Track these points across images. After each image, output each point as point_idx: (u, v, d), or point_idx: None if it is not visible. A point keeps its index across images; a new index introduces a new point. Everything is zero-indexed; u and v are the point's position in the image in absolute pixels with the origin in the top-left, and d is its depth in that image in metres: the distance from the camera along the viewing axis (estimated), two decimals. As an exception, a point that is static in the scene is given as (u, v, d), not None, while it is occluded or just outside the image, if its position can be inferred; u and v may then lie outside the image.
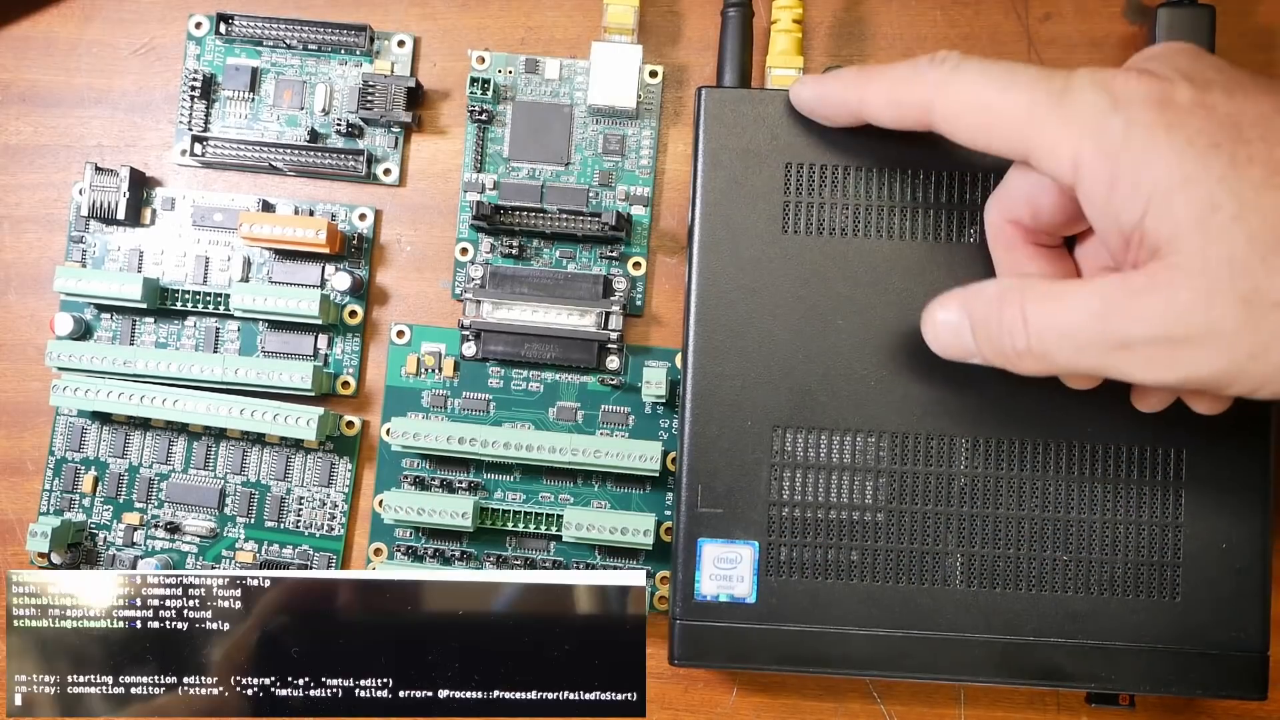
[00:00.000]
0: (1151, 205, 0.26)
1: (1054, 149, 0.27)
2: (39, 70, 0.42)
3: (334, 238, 0.40)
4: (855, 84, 0.32)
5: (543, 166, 0.41)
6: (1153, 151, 0.26)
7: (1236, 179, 0.25)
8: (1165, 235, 0.26)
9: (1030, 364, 0.28)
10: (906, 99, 0.31)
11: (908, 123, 0.31)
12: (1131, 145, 0.26)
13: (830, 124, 0.35)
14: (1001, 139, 0.29)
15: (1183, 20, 0.37)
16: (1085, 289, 0.27)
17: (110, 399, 0.39)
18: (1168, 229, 0.25)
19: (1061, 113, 0.27)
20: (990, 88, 0.29)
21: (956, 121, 0.30)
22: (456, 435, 0.38)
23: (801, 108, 0.35)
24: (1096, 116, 0.27)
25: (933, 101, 0.30)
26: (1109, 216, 0.27)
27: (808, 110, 0.35)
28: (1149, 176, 0.26)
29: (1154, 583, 0.34)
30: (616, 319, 0.39)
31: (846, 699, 0.40)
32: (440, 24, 0.42)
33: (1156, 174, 0.26)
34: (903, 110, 0.31)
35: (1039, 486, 0.35)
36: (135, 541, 0.41)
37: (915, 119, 0.31)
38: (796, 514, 0.35)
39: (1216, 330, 0.25)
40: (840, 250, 0.35)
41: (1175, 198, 0.25)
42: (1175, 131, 0.26)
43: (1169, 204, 0.25)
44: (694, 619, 0.35)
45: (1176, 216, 0.25)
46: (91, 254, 0.41)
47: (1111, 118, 0.26)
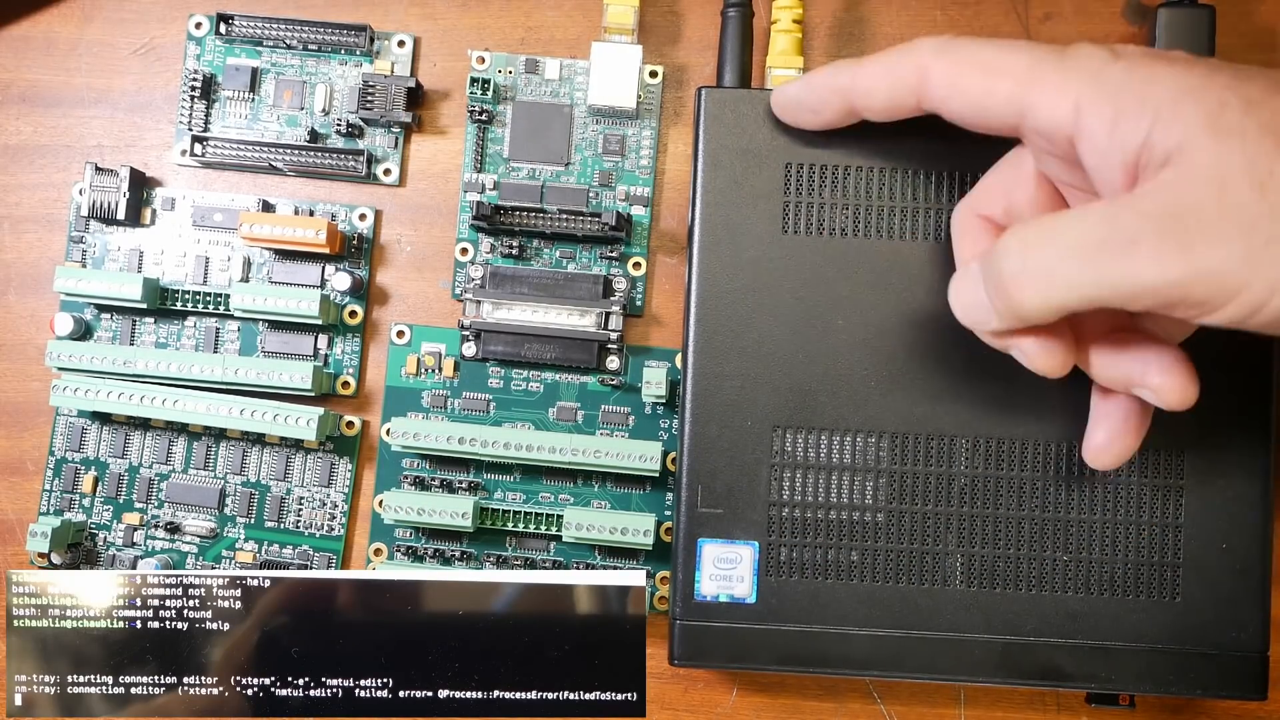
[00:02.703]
0: (1159, 117, 0.25)
1: (1054, 98, 0.27)
2: (39, 70, 0.42)
3: (334, 238, 0.40)
4: (844, 70, 0.32)
5: (543, 166, 0.41)
6: (1156, 78, 0.26)
7: (1241, 86, 0.25)
8: (1175, 140, 0.25)
9: (1031, 290, 0.27)
10: (902, 68, 0.30)
11: (902, 95, 0.30)
12: (1134, 79, 0.26)
13: (816, 122, 0.34)
14: (1001, 101, 0.28)
15: (1183, 20, 0.37)
16: (1089, 205, 0.27)
17: (110, 399, 0.39)
18: (1176, 134, 0.25)
19: (1062, 65, 0.27)
20: (990, 50, 0.29)
21: (956, 84, 0.29)
22: (456, 435, 0.38)
23: (785, 109, 0.34)
24: (1098, 65, 0.27)
25: (929, 69, 0.29)
26: (1112, 151, 0.26)
27: (792, 109, 0.34)
28: (1154, 98, 0.26)
29: (1154, 583, 0.34)
30: (616, 319, 0.39)
31: (846, 699, 0.40)
32: (440, 24, 0.42)
33: (1161, 94, 0.26)
34: (897, 82, 0.30)
35: (1039, 486, 0.35)
36: (135, 541, 0.41)
37: (910, 89, 0.30)
38: (796, 514, 0.35)
39: (1232, 215, 0.24)
40: (840, 250, 0.35)
41: (1182, 104, 0.25)
42: (1176, 63, 0.26)
43: (1177, 109, 0.25)
44: (694, 619, 0.35)
45: (1185, 120, 0.25)
46: (91, 254, 0.41)
47: (1112, 64, 0.27)
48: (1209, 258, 0.24)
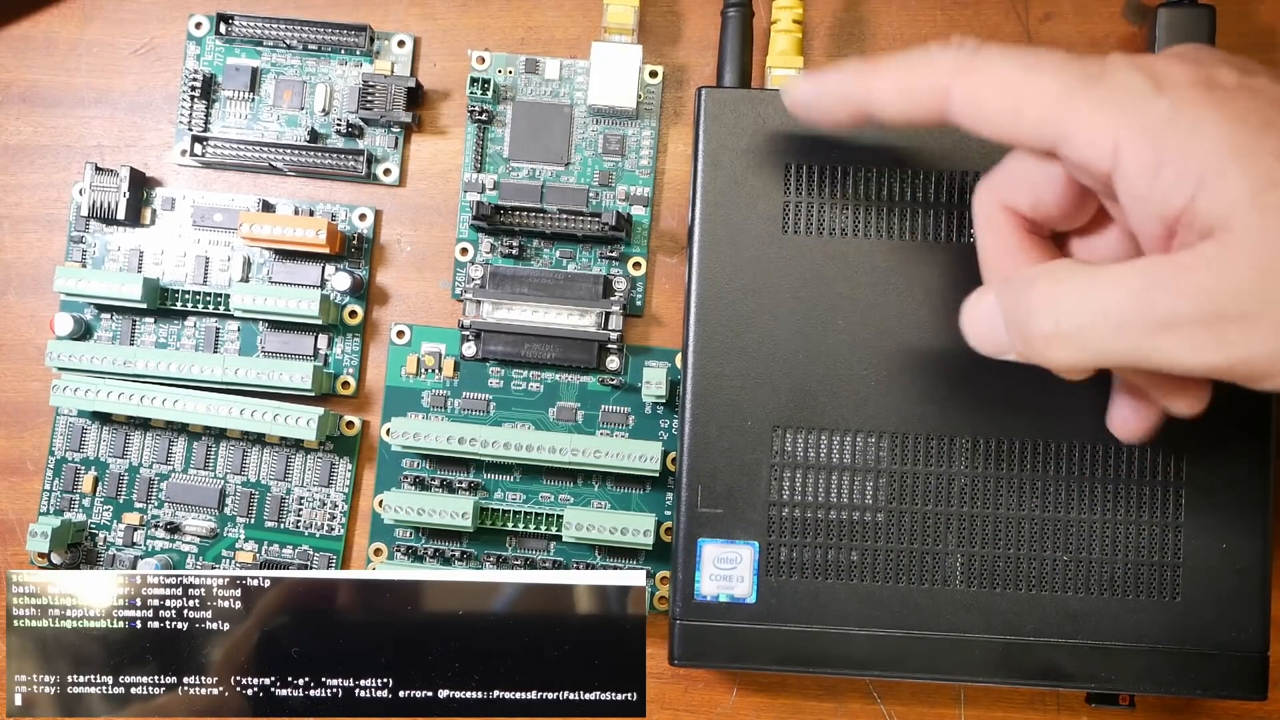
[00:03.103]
0: (1204, 183, 0.24)
1: (1090, 133, 0.25)
2: (39, 70, 0.42)
3: (334, 238, 0.40)
4: (859, 75, 0.30)
5: (543, 166, 0.41)
6: (1202, 129, 0.24)
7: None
8: (1219, 213, 0.24)
9: (1060, 351, 0.26)
10: (919, 85, 0.28)
11: (919, 113, 0.28)
12: (1179, 125, 0.24)
13: (826, 124, 0.31)
14: (1029, 125, 0.27)
15: (1183, 20, 0.36)
16: (1125, 267, 0.25)
17: (110, 399, 0.39)
18: (1222, 206, 0.24)
19: (1098, 94, 0.25)
20: (1016, 70, 0.27)
21: (979, 108, 0.27)
22: (456, 435, 0.38)
23: (795, 107, 0.32)
24: (1138, 98, 0.25)
25: (950, 87, 0.28)
26: (1152, 203, 0.25)
27: (803, 109, 0.31)
28: (1199, 154, 0.24)
29: (1154, 583, 0.34)
30: (616, 319, 0.39)
31: (846, 699, 0.40)
32: (440, 24, 0.42)
33: (1207, 151, 0.24)
34: (915, 99, 0.28)
35: (1039, 486, 0.35)
36: (135, 541, 0.41)
37: (929, 108, 0.28)
38: (796, 514, 0.35)
39: (1275, 305, 0.23)
40: (840, 250, 0.35)
41: (1229, 174, 0.24)
42: (1225, 108, 0.24)
43: (1222, 180, 0.24)
44: (694, 619, 0.35)
45: (1231, 193, 0.24)
46: (91, 254, 0.41)
47: (1155, 99, 0.25)
48: (1249, 349, 0.24)
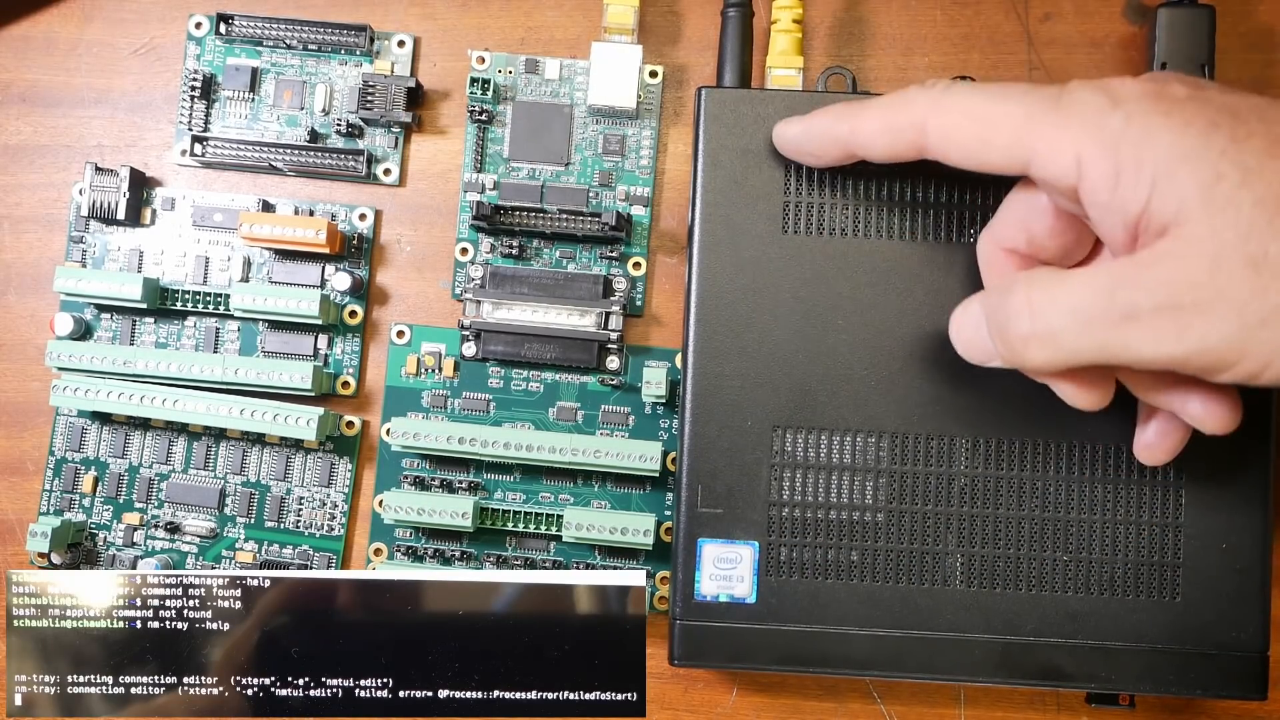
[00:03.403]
0: (1156, 186, 0.26)
1: (1054, 150, 0.28)
2: (39, 70, 0.42)
3: (334, 238, 0.40)
4: (843, 116, 0.32)
5: (543, 166, 0.41)
6: (1153, 135, 0.26)
7: (1238, 151, 0.25)
8: (1171, 211, 0.26)
9: (1036, 351, 0.28)
10: (899, 122, 0.31)
11: (901, 148, 0.31)
12: (1131, 134, 0.26)
13: (816, 162, 0.34)
14: (1000, 149, 0.29)
15: (1183, 20, 0.37)
16: (1091, 269, 0.28)
17: (110, 399, 0.39)
18: (1173, 204, 0.26)
19: (1060, 114, 0.28)
20: (984, 101, 0.29)
21: (952, 136, 0.30)
22: (456, 435, 0.38)
23: (786, 147, 0.34)
24: (1095, 114, 0.27)
25: (926, 120, 0.30)
26: (1114, 210, 0.27)
27: (794, 148, 0.34)
28: (1151, 159, 0.26)
29: (1154, 583, 0.34)
30: (616, 319, 0.39)
31: (846, 699, 0.40)
32: (440, 24, 0.42)
33: (1158, 155, 0.26)
34: (896, 135, 0.31)
35: (1039, 486, 0.35)
36: (135, 541, 0.41)
37: (909, 142, 0.31)
38: (796, 514, 0.35)
39: (1226, 294, 0.25)
40: (840, 250, 0.35)
41: (1179, 173, 0.26)
42: (1173, 116, 0.26)
43: (1173, 180, 0.26)
44: (694, 619, 0.35)
45: (1182, 190, 0.26)
46: (91, 254, 0.41)
47: (1110, 113, 0.27)
48: (1204, 338, 0.26)
